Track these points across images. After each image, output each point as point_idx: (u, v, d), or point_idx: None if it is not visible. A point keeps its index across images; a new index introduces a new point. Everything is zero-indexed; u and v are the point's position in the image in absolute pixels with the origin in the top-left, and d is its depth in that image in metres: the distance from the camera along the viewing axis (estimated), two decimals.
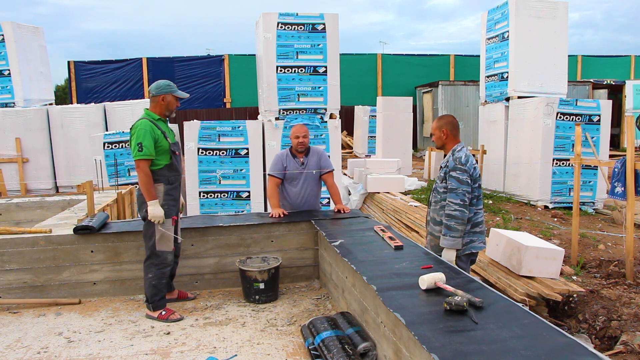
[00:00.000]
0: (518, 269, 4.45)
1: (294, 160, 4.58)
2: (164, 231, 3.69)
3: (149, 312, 3.77)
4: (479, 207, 3.60)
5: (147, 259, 3.76)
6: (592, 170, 8.55)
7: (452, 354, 1.96)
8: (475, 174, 3.53)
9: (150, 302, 3.75)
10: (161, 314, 3.72)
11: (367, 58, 21.54)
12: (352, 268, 3.16)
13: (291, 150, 4.65)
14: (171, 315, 3.72)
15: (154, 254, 3.72)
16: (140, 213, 3.77)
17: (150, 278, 3.72)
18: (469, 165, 3.49)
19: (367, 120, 16.14)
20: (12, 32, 9.85)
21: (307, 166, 4.57)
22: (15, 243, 4.01)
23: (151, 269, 3.72)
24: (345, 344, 2.88)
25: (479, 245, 3.61)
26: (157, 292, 3.73)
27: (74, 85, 19.92)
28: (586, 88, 18.80)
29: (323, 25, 7.51)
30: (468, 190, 3.46)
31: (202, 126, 7.57)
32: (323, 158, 4.62)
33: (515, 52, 9.23)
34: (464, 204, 3.45)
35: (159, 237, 3.69)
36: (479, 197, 3.59)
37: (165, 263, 3.76)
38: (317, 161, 4.59)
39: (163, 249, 3.72)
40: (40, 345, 3.32)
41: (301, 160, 4.58)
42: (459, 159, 3.52)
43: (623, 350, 3.70)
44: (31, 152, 9.08)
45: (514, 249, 4.51)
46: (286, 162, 4.57)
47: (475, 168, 3.55)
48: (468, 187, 3.46)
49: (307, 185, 4.61)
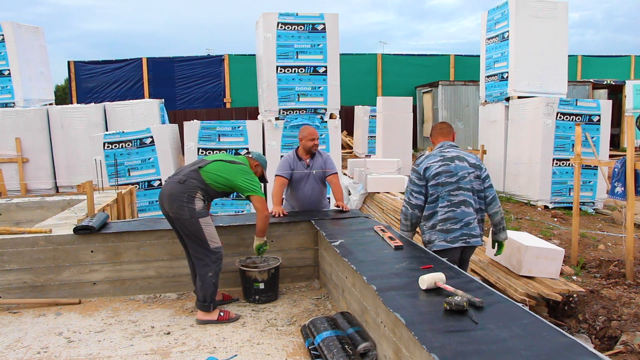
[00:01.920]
0: (518, 269, 4.45)
1: (300, 163, 4.72)
2: (210, 229, 3.71)
3: (205, 316, 3.67)
4: (440, 206, 3.55)
5: (201, 260, 3.68)
6: (592, 170, 8.56)
7: (452, 354, 1.96)
8: (427, 174, 3.59)
9: (209, 302, 3.67)
10: (220, 316, 3.69)
11: (367, 58, 21.53)
12: (352, 268, 3.16)
13: (297, 153, 4.76)
14: (230, 315, 3.74)
15: (211, 252, 3.69)
16: (180, 213, 3.64)
17: (210, 277, 3.67)
18: (420, 166, 3.67)
19: (367, 120, 16.14)
20: (12, 32, 9.85)
21: (312, 168, 4.72)
22: (15, 243, 4.01)
23: (210, 268, 3.68)
24: (345, 344, 2.88)
25: (440, 243, 3.54)
26: (215, 291, 3.75)
27: (74, 85, 19.92)
28: (586, 88, 18.79)
29: (323, 25, 7.51)
30: (413, 189, 3.66)
31: (202, 126, 7.57)
32: (328, 160, 4.78)
33: (515, 52, 9.23)
34: (407, 201, 3.71)
35: (209, 236, 3.69)
36: (440, 196, 3.55)
37: (221, 258, 3.78)
38: (322, 163, 4.74)
39: (217, 245, 3.72)
40: (40, 345, 3.32)
41: (307, 162, 4.73)
42: (416, 159, 3.81)
43: (623, 350, 3.70)
44: (31, 152, 9.07)
45: (514, 249, 4.51)
46: (293, 164, 4.71)
47: (427, 168, 3.60)
48: (414, 185, 3.67)
49: (312, 186, 4.73)
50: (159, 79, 20.06)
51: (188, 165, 3.94)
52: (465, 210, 3.54)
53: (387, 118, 13.41)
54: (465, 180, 3.57)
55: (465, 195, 3.55)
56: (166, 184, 3.77)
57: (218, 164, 3.84)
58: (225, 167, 3.83)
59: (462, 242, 3.54)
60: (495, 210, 3.70)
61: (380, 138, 13.48)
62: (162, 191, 3.76)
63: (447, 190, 3.54)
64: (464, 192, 3.55)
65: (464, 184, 3.56)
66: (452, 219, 3.53)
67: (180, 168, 3.97)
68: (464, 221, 3.54)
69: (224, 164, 3.86)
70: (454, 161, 3.61)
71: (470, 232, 3.56)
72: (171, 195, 3.65)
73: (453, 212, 3.53)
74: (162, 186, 3.85)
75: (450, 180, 3.55)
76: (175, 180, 3.72)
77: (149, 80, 20.10)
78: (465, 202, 3.54)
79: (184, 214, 3.62)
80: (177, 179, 3.72)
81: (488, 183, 3.68)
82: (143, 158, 7.61)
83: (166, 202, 3.67)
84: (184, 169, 3.87)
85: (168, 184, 3.75)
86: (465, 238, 3.54)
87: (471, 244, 3.58)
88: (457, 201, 3.53)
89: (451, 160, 3.61)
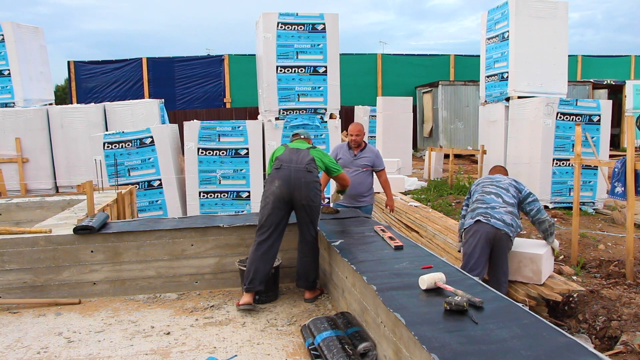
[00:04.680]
0: (538, 279, 4.24)
1: (349, 152, 5.26)
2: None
3: (313, 294, 4.05)
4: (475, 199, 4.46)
5: (314, 243, 4.02)
6: (592, 170, 8.55)
7: (452, 354, 1.96)
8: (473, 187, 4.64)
9: (317, 279, 4.09)
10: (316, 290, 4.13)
11: (367, 58, 21.54)
12: (352, 268, 3.16)
13: (348, 144, 5.33)
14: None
15: (317, 234, 4.06)
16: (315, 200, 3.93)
17: (316, 258, 4.05)
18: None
19: (367, 120, 16.13)
20: (12, 32, 9.84)
21: (357, 158, 5.22)
22: (15, 243, 4.01)
23: (317, 249, 4.06)
24: (345, 344, 2.88)
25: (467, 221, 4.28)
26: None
27: (74, 85, 19.92)
28: (586, 88, 18.79)
29: (323, 25, 7.51)
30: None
31: (202, 126, 7.57)
32: (378, 158, 5.32)
33: (515, 52, 9.22)
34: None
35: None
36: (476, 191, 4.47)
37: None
38: (371, 158, 5.24)
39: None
40: (40, 345, 3.32)
41: (354, 153, 5.25)
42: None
43: (623, 350, 3.70)
44: (31, 152, 9.07)
45: (525, 260, 4.28)
46: (341, 152, 5.28)
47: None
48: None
49: (356, 175, 5.17)
50: (159, 79, 20.06)
51: (296, 152, 4.05)
52: (494, 198, 4.14)
53: (387, 118, 13.41)
54: (503, 182, 4.28)
55: (497, 190, 4.20)
56: (294, 172, 3.89)
57: (317, 151, 4.17)
58: (317, 152, 4.16)
59: (482, 217, 4.05)
60: (542, 219, 4.32)
61: (380, 138, 13.48)
62: (289, 178, 3.86)
63: (481, 186, 4.30)
64: (497, 188, 4.19)
65: (499, 184, 4.26)
66: (479, 200, 4.21)
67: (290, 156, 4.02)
68: (489, 205, 4.13)
69: (319, 151, 4.20)
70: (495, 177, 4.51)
71: (493, 213, 4.06)
72: (308, 183, 3.86)
73: (482, 196, 4.20)
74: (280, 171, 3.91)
75: (487, 182, 4.35)
76: (302, 169, 3.89)
77: (149, 80, 20.10)
78: (496, 193, 4.16)
79: (317, 201, 3.94)
80: (303, 167, 3.90)
81: (532, 198, 4.31)
82: (143, 158, 7.61)
83: (302, 189, 3.84)
84: (298, 157, 4.00)
85: (297, 172, 3.88)
86: (487, 216, 4.05)
87: (491, 223, 4.02)
88: (488, 191, 4.20)
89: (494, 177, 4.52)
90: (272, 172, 4.00)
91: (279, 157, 4.04)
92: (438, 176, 12.39)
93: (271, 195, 3.88)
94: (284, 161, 3.97)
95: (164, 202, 7.69)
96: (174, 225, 4.38)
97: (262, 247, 3.86)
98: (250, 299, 3.81)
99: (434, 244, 5.74)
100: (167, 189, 7.67)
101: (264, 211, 3.91)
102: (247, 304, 3.78)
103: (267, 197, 3.92)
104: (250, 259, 3.87)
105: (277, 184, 3.88)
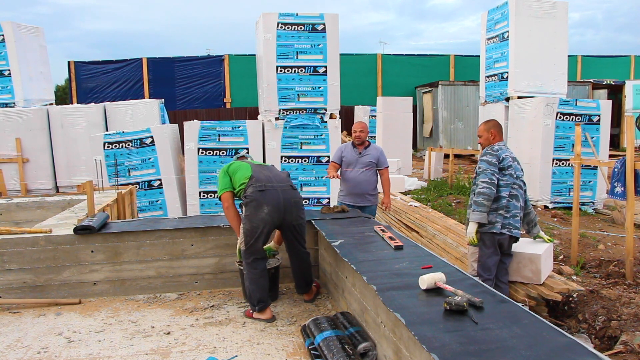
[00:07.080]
0: (537, 279, 4.24)
1: (353, 150, 5.32)
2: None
3: (310, 295, 4.09)
4: (504, 194, 4.02)
5: (307, 253, 3.99)
6: (592, 170, 8.55)
7: (452, 354, 1.96)
8: (504, 163, 4.02)
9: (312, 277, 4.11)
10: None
11: (367, 58, 21.54)
12: (352, 268, 3.16)
13: (353, 142, 5.40)
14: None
15: (306, 249, 4.01)
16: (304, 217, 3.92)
17: (309, 263, 4.02)
18: (499, 152, 4.04)
19: (367, 120, 16.15)
20: (12, 32, 9.84)
21: (362, 156, 5.26)
22: (15, 243, 4.01)
23: (309, 254, 4.02)
24: (345, 344, 2.88)
25: (500, 228, 3.99)
26: None
27: (74, 85, 19.92)
28: (586, 88, 18.79)
29: (323, 26, 7.51)
30: (495, 171, 3.98)
31: (202, 126, 7.57)
32: (382, 156, 5.36)
33: (515, 52, 9.23)
34: (490, 182, 3.93)
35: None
36: (510, 185, 4.03)
37: None
38: (374, 156, 5.29)
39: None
40: (40, 345, 3.32)
41: (359, 151, 5.30)
42: (492, 147, 4.12)
43: (623, 350, 3.70)
44: (31, 152, 9.07)
45: (524, 260, 4.29)
46: (345, 151, 5.36)
47: (504, 158, 4.03)
48: (495, 167, 3.99)
49: (360, 173, 5.25)
50: (159, 79, 20.06)
51: (268, 169, 3.88)
52: (517, 204, 4.07)
53: (387, 118, 13.42)
54: (520, 180, 4.13)
55: (518, 192, 4.09)
56: (282, 194, 3.65)
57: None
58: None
59: (507, 230, 4.00)
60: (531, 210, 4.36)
61: (380, 138, 13.48)
62: (279, 202, 3.61)
63: (510, 182, 4.04)
64: (518, 190, 4.09)
65: (520, 183, 4.11)
66: (507, 207, 4.05)
67: (266, 174, 3.76)
68: (517, 214, 4.06)
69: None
70: (516, 161, 4.15)
71: (516, 224, 4.06)
72: (297, 203, 3.78)
73: (509, 202, 4.05)
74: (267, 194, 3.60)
75: (515, 174, 4.07)
76: (288, 187, 3.75)
77: (149, 81, 20.10)
78: (517, 197, 4.07)
79: (305, 217, 3.90)
80: (289, 185, 3.79)
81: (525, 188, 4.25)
82: (143, 158, 7.61)
83: (292, 210, 3.70)
84: (275, 174, 3.80)
85: (285, 193, 3.67)
86: (511, 228, 4.03)
87: (513, 234, 4.05)
88: (514, 194, 4.06)
89: (515, 160, 4.14)
90: (253, 195, 3.59)
91: (255, 177, 3.67)
92: (438, 176, 12.40)
93: (261, 223, 3.58)
94: (263, 181, 3.65)
95: (164, 202, 7.69)
96: (174, 225, 4.38)
97: (258, 265, 3.68)
98: (270, 313, 3.68)
99: (434, 244, 5.75)
100: (167, 189, 7.67)
101: (252, 235, 3.60)
102: (270, 319, 3.66)
103: (255, 224, 3.58)
104: (249, 278, 3.66)
105: (266, 210, 3.57)
